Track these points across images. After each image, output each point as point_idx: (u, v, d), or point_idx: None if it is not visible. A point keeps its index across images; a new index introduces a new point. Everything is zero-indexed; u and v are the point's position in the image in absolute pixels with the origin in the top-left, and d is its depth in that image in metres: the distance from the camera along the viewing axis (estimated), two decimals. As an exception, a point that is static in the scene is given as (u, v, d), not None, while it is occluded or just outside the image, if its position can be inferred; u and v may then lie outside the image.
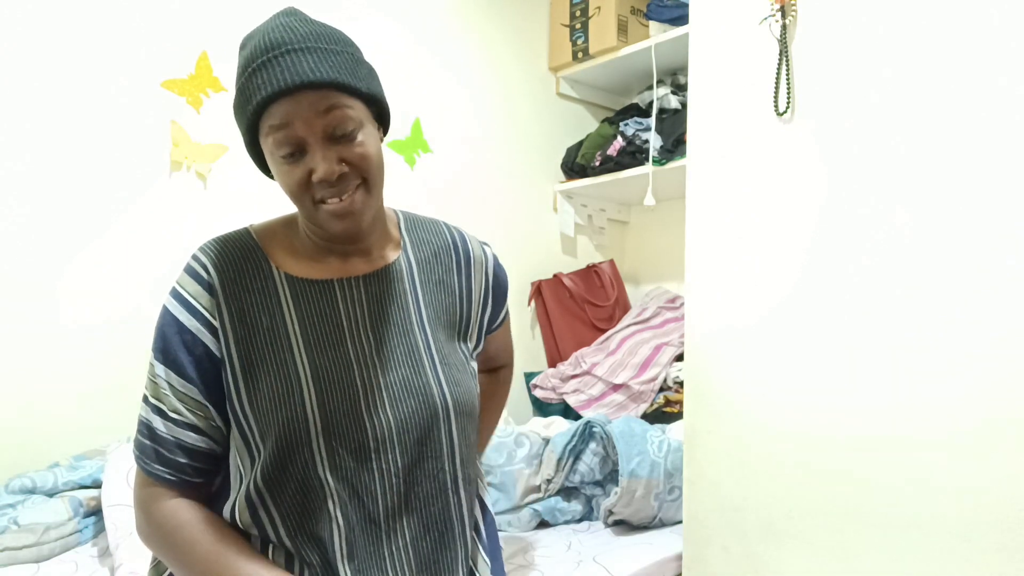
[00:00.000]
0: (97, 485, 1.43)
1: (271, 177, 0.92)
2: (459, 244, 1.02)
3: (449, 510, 0.90)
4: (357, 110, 0.83)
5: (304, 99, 0.79)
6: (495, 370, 1.21)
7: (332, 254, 0.92)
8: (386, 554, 0.86)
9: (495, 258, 1.06)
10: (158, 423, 0.84)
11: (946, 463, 1.05)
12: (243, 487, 0.85)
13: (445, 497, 0.90)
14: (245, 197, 1.84)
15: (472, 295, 1.01)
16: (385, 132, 0.94)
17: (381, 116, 0.91)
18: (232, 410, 0.85)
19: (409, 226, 1.00)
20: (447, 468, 0.90)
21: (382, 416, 0.86)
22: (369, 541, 0.85)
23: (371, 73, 0.88)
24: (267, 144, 0.83)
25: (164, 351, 0.84)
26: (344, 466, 0.84)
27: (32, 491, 1.41)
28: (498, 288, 1.06)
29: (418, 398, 0.89)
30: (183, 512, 0.85)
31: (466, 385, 0.94)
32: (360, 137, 0.84)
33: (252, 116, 0.81)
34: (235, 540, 0.84)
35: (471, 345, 1.01)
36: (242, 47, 0.84)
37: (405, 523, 0.87)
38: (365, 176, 0.84)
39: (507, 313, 1.15)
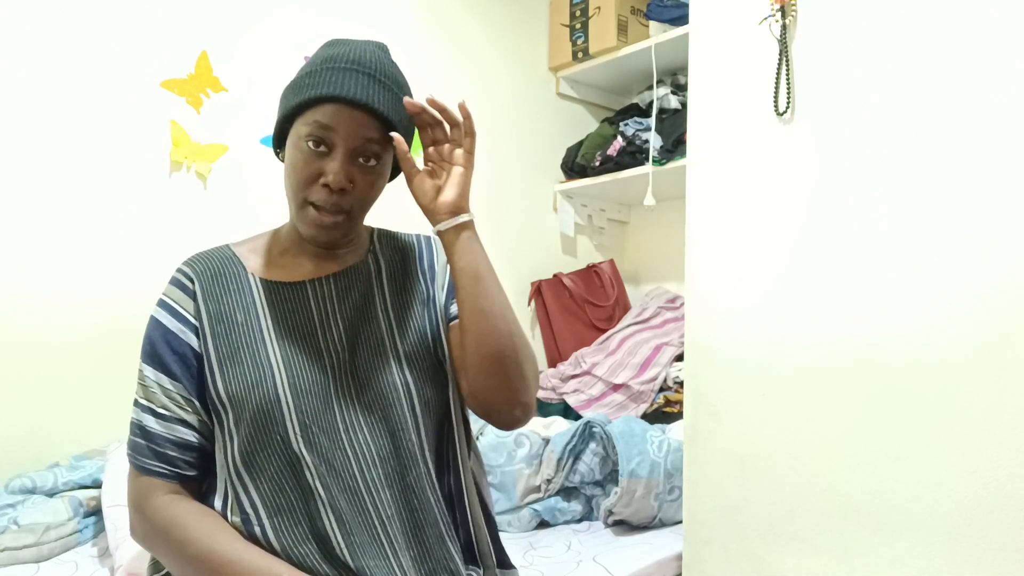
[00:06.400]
0: (97, 485, 1.44)
1: (279, 156, 0.99)
2: (423, 239, 1.10)
3: (422, 483, 0.94)
4: (387, 149, 0.93)
5: (359, 117, 0.89)
6: None
7: (305, 255, 1.00)
8: (376, 523, 0.90)
9: None
10: (150, 421, 0.91)
11: (946, 463, 1.05)
12: (226, 474, 0.90)
13: (417, 470, 0.94)
14: (245, 197, 1.84)
15: (436, 271, 1.07)
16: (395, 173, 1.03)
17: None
18: (210, 398, 0.91)
19: (381, 235, 1.09)
20: (415, 441, 0.94)
21: (349, 400, 0.92)
22: (356, 511, 0.89)
23: (410, 122, 0.97)
24: (301, 129, 0.91)
25: (152, 355, 0.93)
26: (318, 442, 0.89)
27: (32, 491, 1.41)
28: None
29: (381, 381, 0.94)
30: (176, 506, 0.89)
31: (431, 371, 0.99)
32: (375, 173, 0.93)
33: (309, 99, 0.89)
34: (228, 530, 0.88)
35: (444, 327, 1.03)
36: (330, 44, 0.95)
37: (389, 496, 0.91)
38: (359, 204, 0.94)
39: None
